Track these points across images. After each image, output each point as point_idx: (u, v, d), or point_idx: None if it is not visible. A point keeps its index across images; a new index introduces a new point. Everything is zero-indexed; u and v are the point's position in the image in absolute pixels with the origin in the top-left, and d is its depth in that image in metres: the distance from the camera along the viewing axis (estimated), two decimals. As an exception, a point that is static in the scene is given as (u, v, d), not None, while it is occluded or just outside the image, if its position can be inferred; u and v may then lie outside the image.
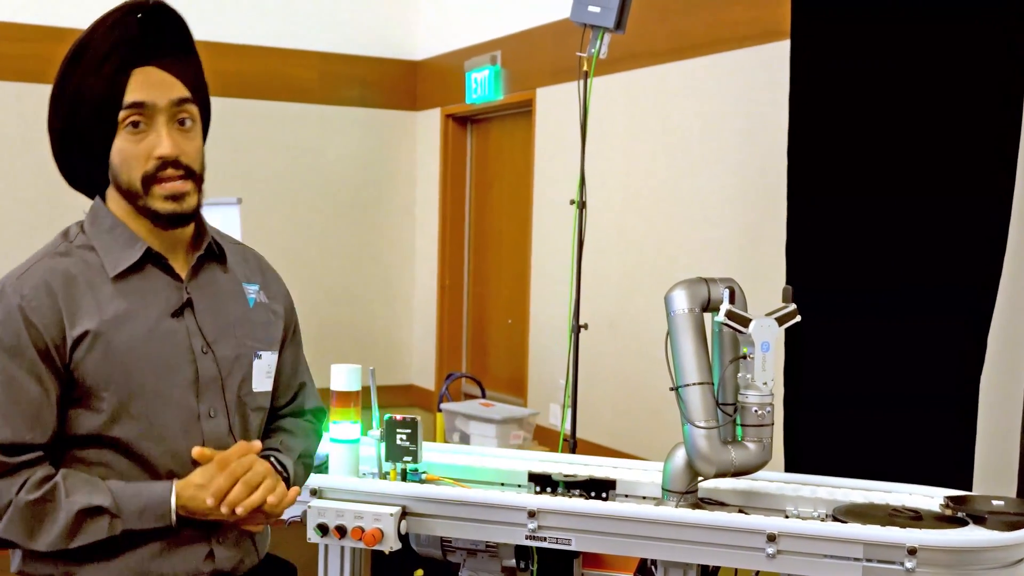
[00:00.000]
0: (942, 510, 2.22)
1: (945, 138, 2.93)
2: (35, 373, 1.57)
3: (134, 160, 1.62)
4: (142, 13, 1.65)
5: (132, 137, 1.62)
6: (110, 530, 1.57)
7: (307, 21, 6.06)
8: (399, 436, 2.41)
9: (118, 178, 1.64)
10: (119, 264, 1.65)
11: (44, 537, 1.55)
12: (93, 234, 1.67)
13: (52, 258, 1.64)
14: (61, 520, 1.55)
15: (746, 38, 3.91)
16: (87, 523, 1.56)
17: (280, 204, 5.97)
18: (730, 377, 2.30)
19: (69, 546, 1.56)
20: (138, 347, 1.63)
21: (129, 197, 1.65)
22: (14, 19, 5.33)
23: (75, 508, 1.55)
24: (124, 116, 1.61)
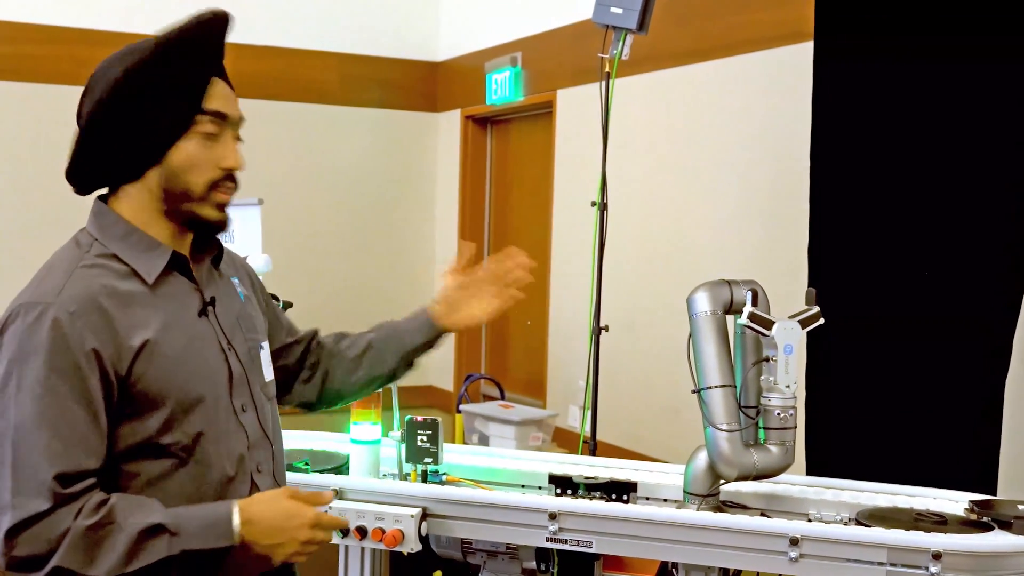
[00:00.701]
0: (967, 514, 2.20)
1: (971, 140, 2.90)
2: (86, 397, 1.54)
3: (203, 166, 1.65)
4: (222, 25, 1.68)
5: (205, 143, 1.65)
6: (169, 549, 1.52)
7: (327, 22, 6.07)
8: (420, 437, 2.41)
9: (175, 179, 1.64)
10: (152, 271, 1.65)
11: (104, 562, 1.50)
12: (108, 242, 1.65)
13: (83, 270, 1.61)
14: (121, 542, 1.51)
15: (769, 40, 3.89)
16: (147, 543, 1.52)
17: (300, 205, 5.98)
18: (753, 380, 2.29)
19: (127, 569, 1.50)
20: (185, 351, 1.64)
21: (176, 199, 1.65)
22: (31, 20, 5.36)
23: (136, 529, 1.52)
24: (202, 121, 1.64)
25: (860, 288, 3.05)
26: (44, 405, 1.52)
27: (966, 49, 2.89)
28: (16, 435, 1.51)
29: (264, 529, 1.59)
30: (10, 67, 5.29)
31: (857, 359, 3.05)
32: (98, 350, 1.55)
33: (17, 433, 1.51)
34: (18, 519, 1.49)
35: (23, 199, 5.20)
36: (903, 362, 2.99)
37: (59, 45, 5.30)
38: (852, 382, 3.06)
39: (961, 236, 2.93)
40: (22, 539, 1.49)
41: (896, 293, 3.01)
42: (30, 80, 5.29)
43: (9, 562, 1.51)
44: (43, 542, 1.49)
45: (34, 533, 1.49)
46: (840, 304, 2.84)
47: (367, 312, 6.65)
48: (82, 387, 1.54)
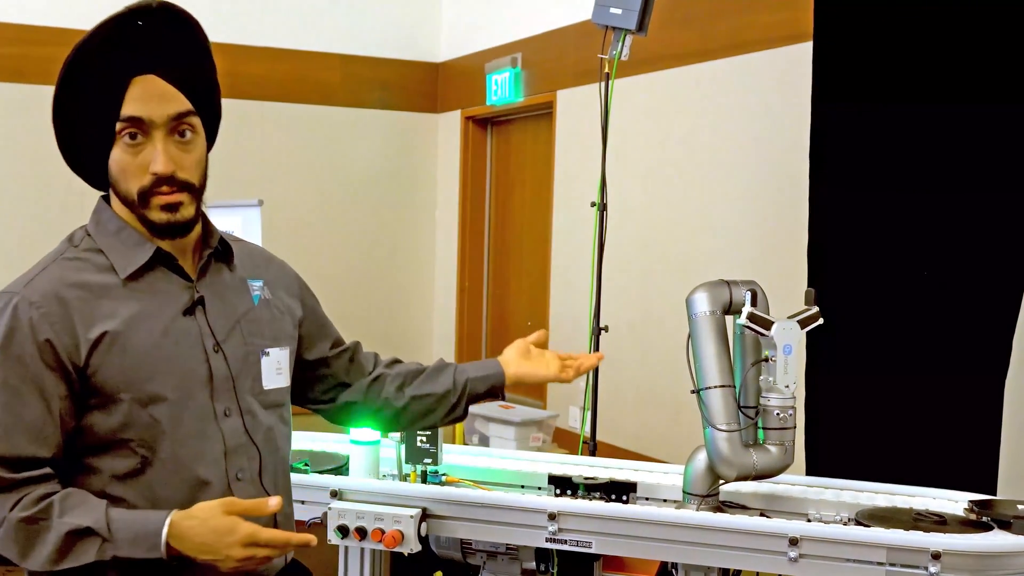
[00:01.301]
0: (966, 514, 2.20)
1: (969, 139, 2.91)
2: (38, 386, 1.54)
3: (130, 173, 1.60)
4: (144, 18, 1.59)
5: (129, 149, 1.59)
6: (99, 554, 1.49)
7: (329, 24, 6.08)
8: (419, 438, 2.41)
9: (116, 186, 1.62)
10: (129, 266, 1.63)
11: (35, 556, 1.50)
12: (99, 238, 1.65)
13: (60, 264, 1.61)
14: (51, 541, 1.50)
15: (768, 40, 3.90)
16: (77, 545, 1.50)
17: (301, 206, 5.99)
18: (752, 380, 2.29)
19: (57, 567, 1.49)
20: (154, 347, 1.61)
21: (128, 205, 1.63)
22: (24, 21, 5.37)
23: (64, 529, 1.50)
24: (120, 128, 1.58)
25: (859, 288, 3.05)
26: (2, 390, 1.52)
27: (965, 49, 2.89)
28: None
29: (194, 545, 1.52)
30: (15, 68, 5.30)
31: (856, 359, 3.05)
32: (52, 340, 1.54)
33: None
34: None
35: (25, 200, 5.20)
36: (903, 362, 2.99)
37: (58, 47, 5.31)
38: (851, 382, 3.06)
39: (960, 236, 2.93)
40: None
41: (895, 293, 3.01)
42: (34, 82, 5.30)
43: None
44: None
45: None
46: (839, 304, 2.84)
47: (368, 311, 6.69)
48: (33, 376, 1.54)
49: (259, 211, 3.84)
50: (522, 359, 2.03)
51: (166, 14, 1.62)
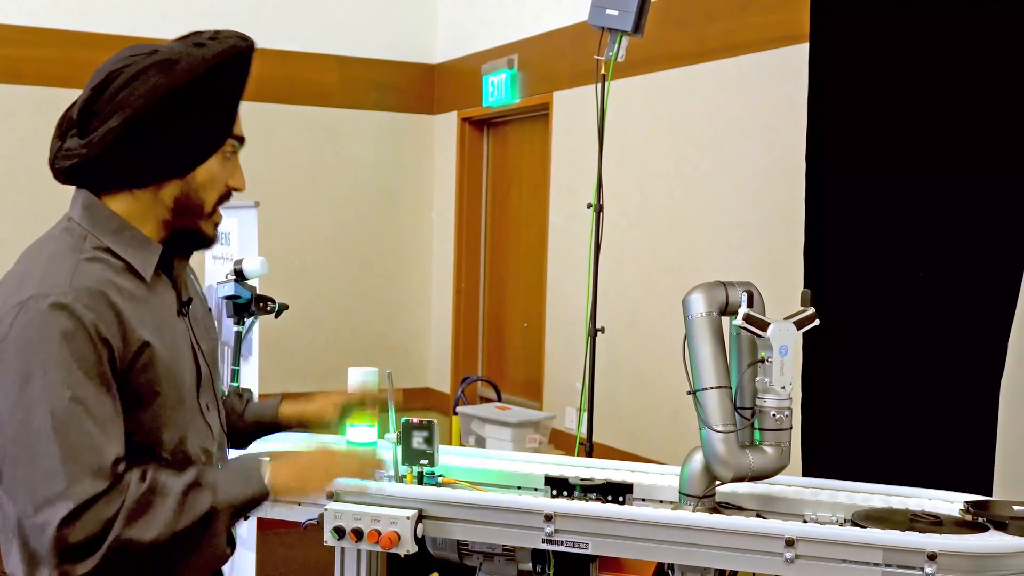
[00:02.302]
0: (962, 515, 2.20)
1: (965, 142, 2.91)
2: (107, 385, 1.56)
3: (218, 183, 1.72)
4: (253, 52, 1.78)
5: (225, 163, 1.73)
6: (213, 501, 1.59)
7: (324, 25, 6.08)
8: (416, 439, 2.41)
9: (194, 194, 1.69)
10: (148, 267, 1.67)
11: (156, 524, 1.54)
12: (101, 235, 1.65)
13: (87, 264, 1.60)
14: (171, 502, 1.55)
15: (765, 42, 3.90)
16: (191, 498, 1.57)
17: (298, 207, 5.99)
18: (748, 381, 2.29)
19: (178, 527, 1.55)
20: (173, 352, 1.67)
21: (187, 211, 1.69)
22: (35, 24, 5.36)
23: (178, 488, 1.57)
24: (229, 145, 1.74)
25: (855, 289, 3.06)
26: (77, 394, 1.52)
27: (962, 51, 2.89)
28: (56, 425, 1.50)
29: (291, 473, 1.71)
30: (13, 70, 5.29)
31: (852, 360, 3.06)
32: (110, 341, 1.56)
33: (57, 424, 1.50)
34: (76, 504, 1.49)
35: (19, 202, 5.20)
36: (898, 363, 2.99)
37: (56, 48, 5.30)
38: (847, 383, 3.07)
39: (956, 237, 2.94)
40: (79, 524, 1.49)
41: (891, 294, 3.02)
42: (28, 83, 5.29)
43: (62, 556, 1.51)
44: (99, 522, 1.50)
45: (91, 515, 1.50)
46: (835, 305, 2.84)
47: (364, 312, 6.68)
48: (104, 376, 1.55)
49: (256, 212, 3.84)
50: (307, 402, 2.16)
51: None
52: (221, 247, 4.12)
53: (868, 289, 3.05)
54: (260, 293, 3.24)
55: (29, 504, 1.51)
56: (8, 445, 1.53)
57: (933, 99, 2.95)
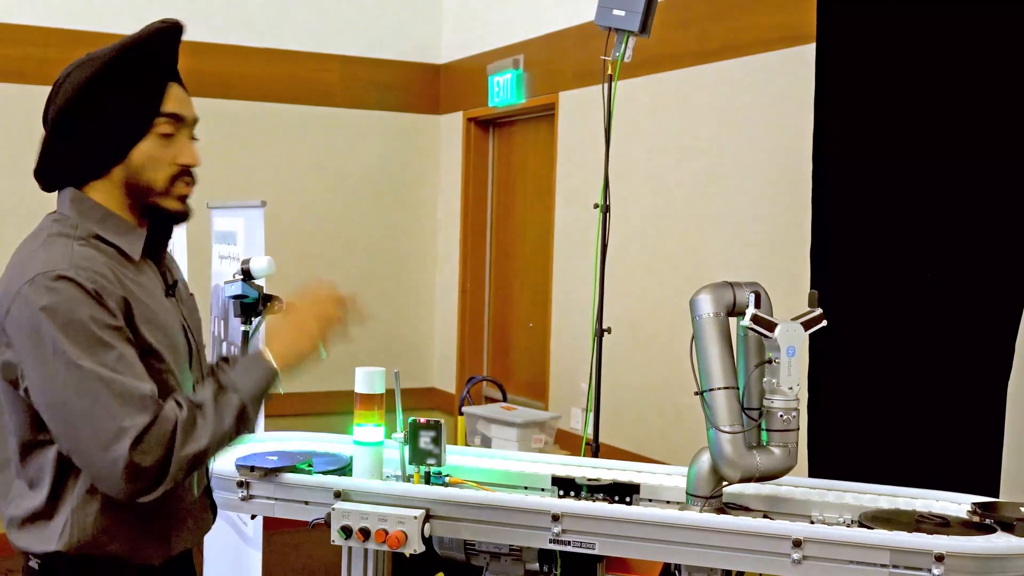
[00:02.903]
0: (970, 517, 2.20)
1: (973, 142, 2.91)
2: (128, 339, 1.71)
3: (161, 163, 1.81)
4: (180, 34, 1.85)
5: (161, 142, 1.80)
6: (240, 398, 1.75)
7: (330, 25, 6.08)
8: (423, 439, 2.42)
9: (137, 176, 1.80)
10: (135, 250, 1.82)
11: (205, 432, 1.71)
12: (89, 224, 1.79)
13: (79, 247, 1.75)
14: (209, 412, 1.72)
15: (772, 42, 3.90)
16: (221, 402, 1.74)
17: (303, 207, 5.99)
18: (755, 382, 2.30)
19: (223, 429, 1.73)
20: (167, 324, 1.82)
21: (139, 194, 1.81)
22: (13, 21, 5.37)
23: (208, 399, 1.73)
24: (160, 123, 1.80)
25: (862, 290, 3.06)
26: (102, 349, 1.67)
27: (969, 51, 2.89)
28: (94, 379, 1.65)
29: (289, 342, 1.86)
30: (15, 69, 5.30)
31: (859, 361, 3.05)
32: (113, 306, 1.70)
33: (95, 377, 1.65)
34: (136, 433, 1.64)
35: (25, 200, 5.21)
36: (906, 364, 2.99)
37: (60, 48, 5.31)
38: (854, 384, 3.06)
39: (963, 238, 2.93)
40: (144, 448, 1.65)
41: (898, 295, 3.01)
42: (32, 83, 5.31)
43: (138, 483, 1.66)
44: (161, 446, 1.66)
45: (153, 440, 1.66)
46: (842, 306, 2.84)
47: (369, 313, 6.63)
48: (120, 330, 1.70)
49: (262, 212, 3.84)
50: None
51: (183, 33, 1.88)
52: (227, 247, 4.13)
53: (875, 290, 3.04)
54: (267, 292, 3.24)
55: (96, 447, 1.65)
56: (60, 409, 1.67)
57: (941, 99, 2.94)
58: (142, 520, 1.77)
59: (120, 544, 1.76)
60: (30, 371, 1.68)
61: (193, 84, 2.17)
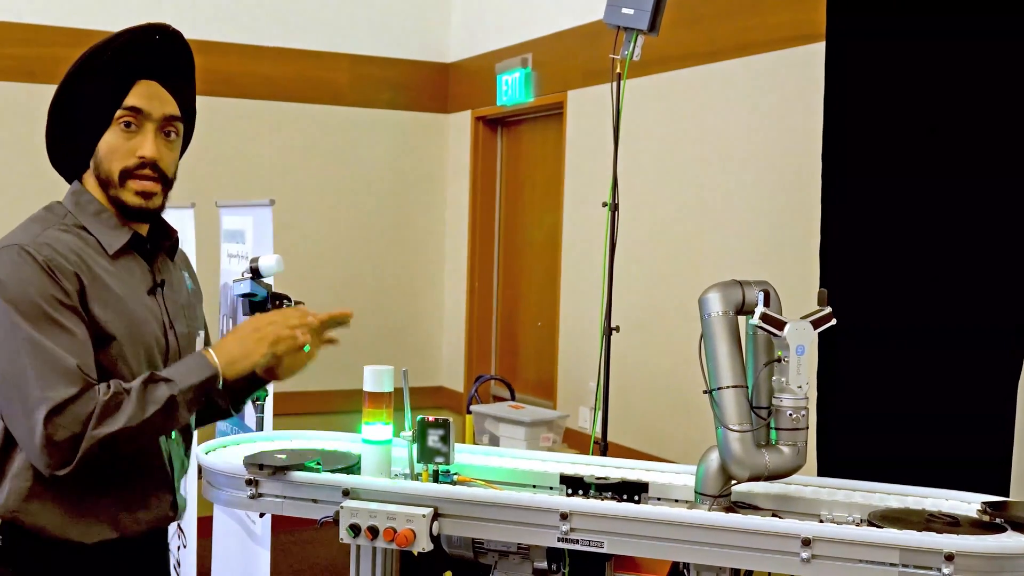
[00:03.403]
0: (980, 516, 2.19)
1: (983, 141, 2.90)
2: (76, 316, 1.79)
3: (119, 154, 1.90)
4: (160, 35, 1.96)
5: (122, 134, 1.90)
6: (169, 389, 1.80)
7: (338, 23, 6.08)
8: (431, 437, 2.41)
9: (99, 167, 1.90)
10: (115, 244, 1.91)
11: (124, 414, 1.76)
12: (81, 216, 1.91)
13: (56, 231, 1.86)
14: (133, 397, 1.78)
15: (781, 41, 3.89)
16: (149, 390, 1.79)
17: (312, 206, 6.00)
18: (764, 380, 2.29)
19: (144, 417, 1.77)
20: (133, 316, 1.89)
21: (104, 186, 1.91)
22: (24, 20, 5.38)
23: (139, 384, 1.79)
24: (119, 115, 1.89)
25: (872, 289, 3.05)
26: (44, 321, 1.76)
27: (981, 56, 2.88)
28: (29, 347, 1.75)
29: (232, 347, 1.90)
30: (25, 69, 5.31)
31: (869, 360, 3.05)
32: (66, 282, 1.80)
33: (29, 345, 1.75)
34: (53, 404, 1.72)
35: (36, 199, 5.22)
36: (915, 363, 2.98)
37: (69, 47, 5.32)
38: (864, 383, 3.06)
39: (973, 238, 2.93)
40: (59, 422, 1.72)
41: (907, 294, 3.01)
42: (42, 82, 5.32)
43: (49, 454, 1.73)
44: (78, 422, 1.73)
45: (69, 414, 1.73)
46: (852, 305, 2.83)
47: (378, 310, 6.69)
48: (69, 306, 1.79)
49: (271, 210, 3.85)
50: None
51: (176, 37, 2.00)
52: (236, 245, 4.13)
53: (885, 289, 3.04)
54: (276, 291, 3.24)
55: (20, 413, 1.75)
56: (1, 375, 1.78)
57: (952, 102, 2.93)
58: (78, 497, 1.83)
59: (48, 517, 1.82)
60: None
61: (202, 83, 2.18)
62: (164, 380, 1.82)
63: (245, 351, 1.90)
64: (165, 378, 1.82)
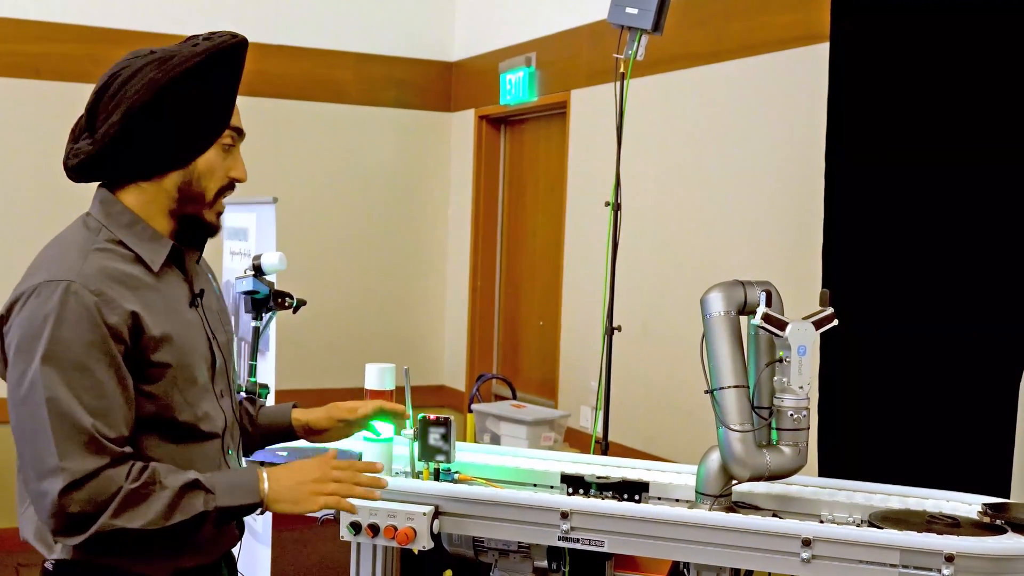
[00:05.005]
0: (980, 517, 2.19)
1: (985, 142, 2.90)
2: (114, 367, 1.65)
3: (218, 174, 1.80)
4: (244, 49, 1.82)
5: (223, 154, 1.80)
6: (205, 504, 1.66)
7: (342, 22, 6.08)
8: (432, 435, 2.42)
9: (195, 183, 1.78)
10: (157, 259, 1.77)
11: (145, 515, 1.62)
12: (115, 229, 1.76)
13: (97, 254, 1.71)
14: (165, 498, 1.64)
15: (785, 41, 3.89)
16: (186, 498, 1.65)
17: (315, 204, 6.00)
18: (766, 381, 2.29)
19: (166, 524, 1.64)
20: (184, 337, 1.76)
21: (188, 201, 1.79)
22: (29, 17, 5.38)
23: (177, 484, 1.65)
24: (227, 135, 1.80)
25: (874, 290, 3.05)
26: (77, 375, 1.62)
27: (984, 54, 2.88)
28: (53, 404, 1.60)
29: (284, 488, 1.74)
30: (32, 65, 5.32)
31: (870, 361, 3.05)
32: (114, 324, 1.65)
33: (53, 403, 1.60)
34: (72, 478, 1.59)
35: (39, 196, 5.22)
36: (916, 364, 2.98)
37: (76, 44, 5.32)
38: (865, 384, 3.06)
39: (974, 241, 2.93)
40: (76, 497, 1.59)
41: (909, 295, 3.01)
42: (48, 79, 5.32)
43: (58, 524, 1.61)
44: (94, 502, 1.60)
45: (88, 491, 1.60)
46: (854, 306, 2.83)
47: (379, 309, 6.69)
48: (110, 359, 1.64)
49: (274, 208, 3.85)
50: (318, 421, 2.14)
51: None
52: (239, 243, 4.14)
53: (886, 289, 3.04)
54: (278, 289, 3.25)
55: (33, 472, 1.62)
56: (14, 420, 1.65)
57: (954, 101, 2.93)
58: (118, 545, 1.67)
59: (122, 559, 1.70)
60: (8, 376, 1.67)
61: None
62: (205, 491, 1.67)
63: (297, 498, 1.76)
64: (207, 488, 1.67)
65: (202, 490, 1.67)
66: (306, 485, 1.77)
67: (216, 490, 1.68)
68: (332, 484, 1.79)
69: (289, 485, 1.76)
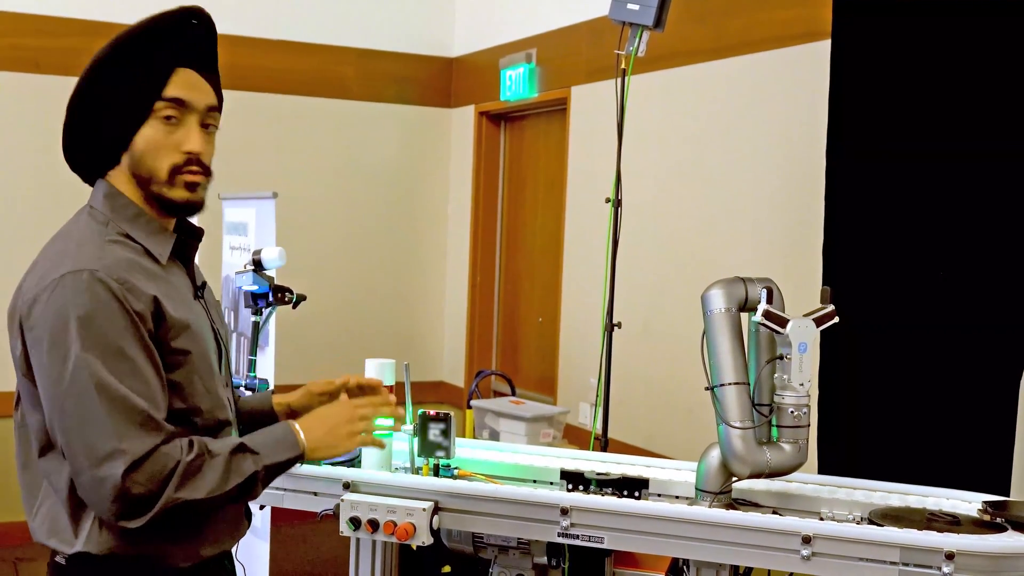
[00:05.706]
0: (980, 515, 2.19)
1: (986, 140, 2.89)
2: (147, 352, 1.65)
3: (163, 151, 1.72)
4: (196, 19, 1.78)
5: (164, 128, 1.72)
6: (255, 464, 1.70)
7: (343, 17, 6.08)
8: (432, 431, 2.42)
9: (139, 164, 1.73)
10: (164, 252, 1.76)
11: (205, 485, 1.65)
12: (120, 222, 1.74)
13: (111, 245, 1.70)
14: (219, 465, 1.66)
15: (786, 38, 3.89)
16: (236, 461, 1.68)
17: (315, 199, 5.99)
18: (766, 378, 2.29)
19: (225, 488, 1.66)
20: (198, 325, 1.76)
21: (144, 183, 1.74)
22: (30, 11, 5.38)
23: (226, 450, 1.68)
24: (160, 107, 1.71)
25: (874, 287, 3.05)
26: (117, 359, 1.61)
27: (985, 52, 2.88)
28: (102, 389, 1.60)
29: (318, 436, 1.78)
30: (32, 59, 5.31)
31: (871, 358, 3.05)
32: (141, 311, 1.65)
33: (103, 387, 1.60)
34: (133, 459, 1.59)
35: (37, 189, 5.22)
36: (916, 362, 2.98)
37: (75, 38, 5.32)
38: (866, 381, 3.06)
39: (975, 236, 2.92)
40: (137, 478, 1.59)
41: (910, 293, 3.01)
42: (47, 72, 5.32)
43: (121, 507, 1.60)
44: (155, 480, 1.61)
45: (148, 470, 1.60)
46: (854, 303, 2.83)
47: (379, 305, 6.68)
48: (143, 343, 1.64)
49: (274, 203, 3.85)
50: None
51: (210, 21, 1.82)
52: (239, 238, 4.13)
53: (887, 287, 3.04)
54: (278, 284, 3.24)
55: (87, 460, 1.60)
56: (59, 412, 1.62)
57: (955, 99, 2.93)
58: (171, 524, 1.68)
59: (148, 546, 1.69)
60: (40, 370, 1.63)
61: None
62: (252, 452, 1.70)
63: (334, 441, 1.81)
64: (253, 450, 1.71)
65: (248, 452, 1.70)
66: (340, 427, 1.81)
67: (260, 450, 1.71)
68: (360, 423, 1.84)
69: (323, 432, 1.79)
